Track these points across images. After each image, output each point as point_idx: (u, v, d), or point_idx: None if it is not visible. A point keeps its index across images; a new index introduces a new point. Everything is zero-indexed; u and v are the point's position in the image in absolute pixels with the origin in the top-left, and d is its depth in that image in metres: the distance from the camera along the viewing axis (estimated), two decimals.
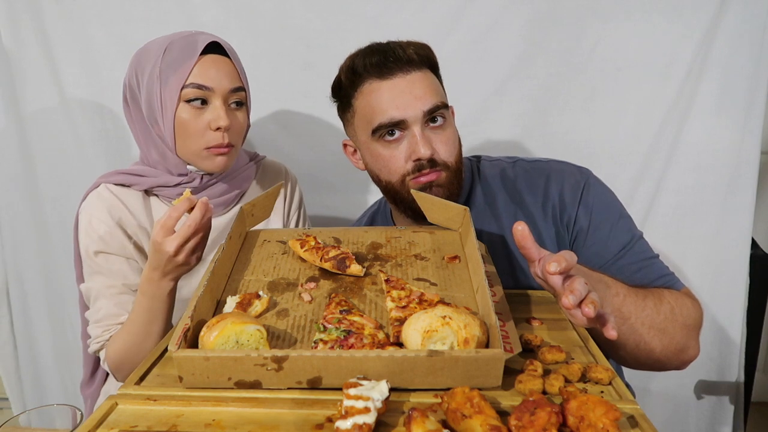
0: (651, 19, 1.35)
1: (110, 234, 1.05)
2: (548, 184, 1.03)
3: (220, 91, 1.02)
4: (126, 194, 1.09)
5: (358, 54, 1.02)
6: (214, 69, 1.01)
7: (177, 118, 1.01)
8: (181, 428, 0.59)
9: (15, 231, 1.55)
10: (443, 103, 1.00)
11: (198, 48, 1.00)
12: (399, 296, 0.78)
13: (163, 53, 1.00)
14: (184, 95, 1.00)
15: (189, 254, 0.89)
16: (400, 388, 0.63)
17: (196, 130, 1.02)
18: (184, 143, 1.03)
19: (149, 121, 1.04)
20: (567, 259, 0.69)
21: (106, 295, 1.04)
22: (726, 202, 1.43)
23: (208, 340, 0.65)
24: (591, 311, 0.67)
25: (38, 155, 1.51)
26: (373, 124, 0.98)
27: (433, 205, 0.99)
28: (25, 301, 1.61)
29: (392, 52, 0.97)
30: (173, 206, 0.88)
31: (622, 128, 1.43)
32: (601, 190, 1.03)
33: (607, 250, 0.98)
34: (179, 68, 0.99)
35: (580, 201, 1.00)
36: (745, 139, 1.39)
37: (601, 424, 0.53)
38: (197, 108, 1.01)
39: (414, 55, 0.98)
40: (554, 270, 0.68)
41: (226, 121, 1.01)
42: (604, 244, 0.98)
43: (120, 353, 0.99)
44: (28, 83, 1.45)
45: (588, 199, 1.01)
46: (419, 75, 0.98)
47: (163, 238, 0.87)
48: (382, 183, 1.05)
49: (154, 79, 1.00)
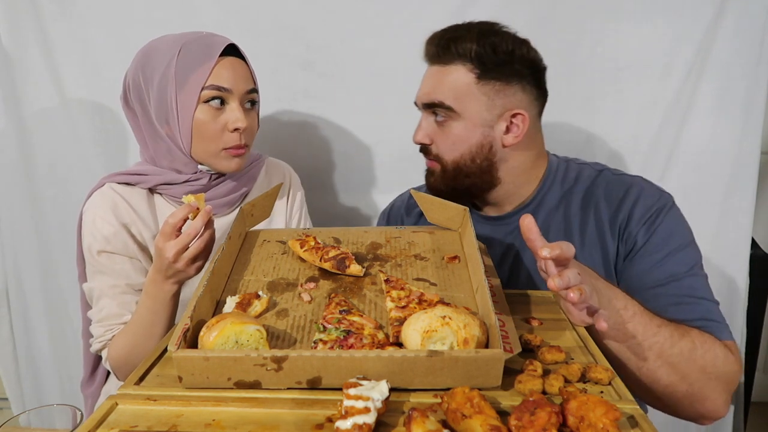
0: (651, 19, 1.35)
1: (114, 233, 1.05)
2: (625, 198, 1.01)
3: (238, 92, 1.03)
4: (130, 193, 1.09)
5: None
6: (231, 70, 1.02)
7: (195, 119, 1.01)
8: (181, 428, 0.59)
9: (15, 231, 1.55)
10: (440, 102, 1.00)
11: (216, 50, 1.01)
12: (399, 296, 0.78)
13: (177, 54, 1.00)
14: (202, 96, 1.00)
15: (188, 262, 0.90)
16: (400, 388, 0.63)
17: (214, 131, 1.02)
18: (200, 144, 1.04)
19: (158, 121, 1.04)
20: (563, 248, 0.69)
21: (109, 294, 1.04)
22: (726, 202, 1.43)
23: (207, 340, 0.65)
24: (576, 296, 0.67)
25: (38, 155, 1.50)
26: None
27: (433, 205, 0.99)
28: (25, 301, 1.61)
29: (440, 40, 1.00)
30: (173, 213, 0.89)
31: (622, 128, 1.43)
32: (673, 219, 0.99)
33: (651, 275, 0.96)
34: (197, 69, 1.00)
35: (646, 221, 0.98)
36: (745, 139, 1.38)
37: (601, 424, 0.53)
38: (216, 109, 1.02)
39: (449, 47, 0.99)
40: (545, 255, 0.68)
41: (244, 122, 1.03)
42: (651, 268, 0.96)
43: (122, 353, 1.00)
44: (28, 83, 1.45)
45: (655, 222, 0.98)
46: (440, 69, 1.01)
47: (164, 243, 0.88)
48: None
49: (168, 79, 1.00)
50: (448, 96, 0.99)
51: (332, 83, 1.44)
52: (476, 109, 0.99)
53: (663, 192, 1.02)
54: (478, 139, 1.01)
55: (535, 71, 1.02)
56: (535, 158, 1.07)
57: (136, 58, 1.06)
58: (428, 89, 1.02)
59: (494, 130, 1.01)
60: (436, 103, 1.00)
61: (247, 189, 1.17)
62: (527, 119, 1.00)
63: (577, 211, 1.04)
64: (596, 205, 1.03)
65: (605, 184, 1.05)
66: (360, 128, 1.48)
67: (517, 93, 1.00)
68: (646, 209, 0.99)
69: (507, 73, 0.99)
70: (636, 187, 1.02)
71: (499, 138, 1.01)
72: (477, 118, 1.00)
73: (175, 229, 0.88)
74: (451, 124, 1.01)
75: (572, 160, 1.11)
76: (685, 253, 0.97)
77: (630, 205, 1.00)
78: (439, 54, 1.01)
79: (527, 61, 1.00)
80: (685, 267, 0.96)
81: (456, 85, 0.99)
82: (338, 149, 1.50)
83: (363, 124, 1.48)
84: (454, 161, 1.02)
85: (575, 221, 1.04)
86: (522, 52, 0.99)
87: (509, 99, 1.00)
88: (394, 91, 1.44)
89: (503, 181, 1.05)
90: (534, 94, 1.02)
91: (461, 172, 1.03)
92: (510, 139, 1.01)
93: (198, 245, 0.90)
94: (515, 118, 1.01)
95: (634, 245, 0.99)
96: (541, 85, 1.04)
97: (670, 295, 0.94)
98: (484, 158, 1.02)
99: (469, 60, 0.98)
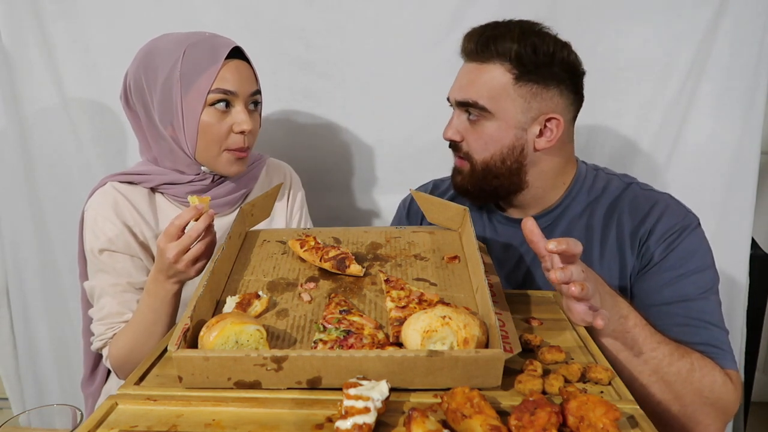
0: (651, 19, 1.35)
1: (116, 232, 1.05)
2: (649, 213, 0.99)
3: (243, 94, 1.03)
4: (132, 192, 1.09)
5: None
6: (237, 73, 1.02)
7: (200, 121, 1.02)
8: (181, 428, 0.59)
9: (15, 231, 1.55)
10: (474, 101, 0.97)
11: (222, 53, 1.01)
12: (399, 296, 0.78)
13: (182, 56, 1.00)
14: (208, 100, 1.01)
15: (189, 263, 0.91)
16: (400, 388, 0.63)
17: (219, 133, 1.03)
18: (204, 146, 1.04)
19: (161, 122, 1.04)
20: (569, 244, 0.69)
21: (110, 293, 1.04)
22: (726, 202, 1.43)
23: (207, 340, 0.65)
24: (577, 290, 0.67)
25: (38, 155, 1.50)
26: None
27: (433, 205, 0.99)
28: (25, 300, 1.61)
29: (479, 37, 0.98)
30: (178, 215, 0.89)
31: (622, 128, 1.43)
32: (694, 240, 0.97)
33: (661, 293, 0.95)
34: (203, 73, 1.00)
35: (666, 239, 0.97)
36: (745, 139, 1.38)
37: (601, 424, 0.53)
38: (221, 111, 1.02)
39: (488, 45, 0.96)
40: (552, 248, 0.68)
41: (250, 124, 1.03)
42: (663, 286, 0.95)
43: (123, 351, 1.00)
44: (28, 83, 1.45)
45: (676, 240, 0.96)
46: (477, 66, 0.99)
47: (166, 244, 0.89)
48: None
49: (173, 82, 1.00)
50: (483, 95, 0.97)
51: (332, 83, 1.44)
52: (511, 111, 0.97)
53: (689, 212, 1.00)
54: (510, 141, 0.99)
55: (573, 75, 0.99)
56: (565, 164, 1.05)
57: (137, 57, 1.06)
58: (463, 87, 1.00)
59: (527, 133, 0.99)
60: (471, 103, 0.98)
61: (248, 189, 1.17)
62: (562, 124, 0.98)
63: (599, 222, 1.03)
64: (620, 217, 1.02)
65: (632, 198, 1.03)
66: (360, 128, 1.48)
67: (554, 97, 0.98)
68: (669, 227, 0.97)
69: (546, 75, 0.96)
70: (662, 203, 1.01)
71: (532, 141, 0.99)
72: (511, 120, 0.98)
73: (179, 230, 0.89)
74: (484, 123, 0.99)
75: (602, 170, 1.09)
76: (701, 276, 0.95)
77: (653, 221, 0.98)
78: (478, 51, 0.98)
79: (567, 64, 0.98)
80: (698, 290, 0.94)
81: (492, 84, 0.97)
82: (338, 149, 1.50)
83: (363, 124, 1.48)
84: (484, 161, 1.01)
85: (597, 231, 1.03)
86: (563, 55, 0.97)
87: (546, 103, 0.97)
88: (394, 91, 1.44)
89: (531, 185, 1.03)
90: (570, 99, 1.00)
91: (490, 172, 1.01)
92: (542, 143, 0.99)
93: (199, 247, 0.91)
94: (550, 122, 0.98)
95: (650, 261, 0.97)
96: (579, 89, 1.02)
97: (678, 315, 0.92)
98: (515, 160, 1.00)
99: (508, 60, 0.96)
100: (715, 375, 0.87)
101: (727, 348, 0.92)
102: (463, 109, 1.01)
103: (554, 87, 0.98)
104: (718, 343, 0.91)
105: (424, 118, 1.45)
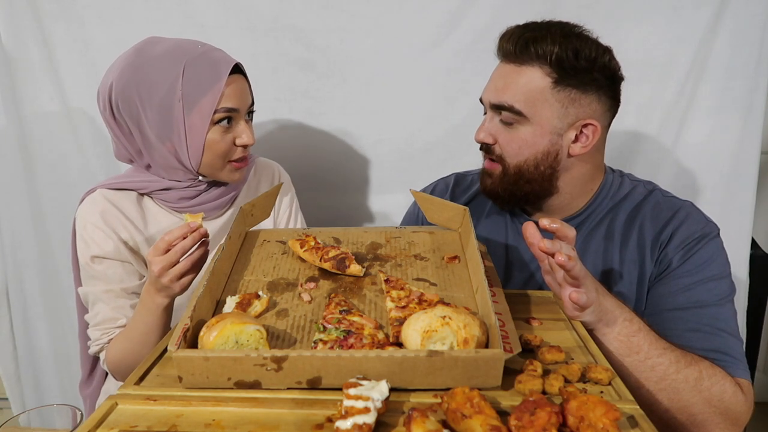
0: (651, 19, 1.35)
1: (105, 239, 1.06)
2: (671, 220, 0.99)
3: (243, 110, 1.05)
4: (120, 198, 1.09)
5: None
6: (238, 90, 1.04)
7: (206, 139, 1.03)
8: (181, 428, 0.59)
9: (15, 231, 1.55)
10: (510, 105, 0.95)
11: (224, 71, 1.01)
12: (398, 296, 0.78)
13: (182, 75, 0.99)
14: (213, 119, 1.02)
15: (173, 279, 0.91)
16: (400, 388, 0.63)
17: (224, 148, 1.05)
18: (209, 161, 1.05)
19: (159, 138, 1.03)
20: (563, 224, 0.69)
21: (104, 299, 1.05)
22: (726, 202, 1.43)
23: (207, 340, 0.65)
24: (563, 259, 0.67)
25: (38, 156, 1.50)
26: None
27: (433, 205, 0.99)
28: (25, 301, 1.61)
29: (519, 38, 0.95)
30: (170, 231, 0.90)
31: (622, 128, 1.43)
32: (712, 249, 0.96)
33: (675, 298, 0.94)
34: (207, 92, 1.00)
35: (685, 246, 0.96)
36: (745, 139, 1.39)
37: (601, 424, 0.53)
38: (225, 128, 1.04)
39: (527, 46, 0.93)
40: (545, 224, 0.68)
41: (252, 139, 1.06)
42: (677, 291, 0.94)
43: (118, 357, 1.02)
44: (27, 84, 1.45)
45: (694, 248, 0.95)
46: (514, 68, 0.95)
47: (153, 257, 0.89)
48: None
49: (173, 101, 0.99)
50: (519, 99, 0.94)
51: (332, 83, 1.44)
52: (547, 116, 0.94)
53: (709, 221, 1.00)
54: (545, 147, 0.96)
55: (613, 82, 0.97)
56: (595, 171, 1.03)
57: (123, 70, 1.01)
58: (499, 89, 0.97)
59: (563, 139, 0.96)
60: (506, 106, 0.95)
61: (237, 192, 1.18)
62: (598, 130, 0.96)
63: (620, 227, 1.02)
64: (641, 223, 1.01)
65: (654, 204, 1.02)
66: (360, 128, 1.48)
67: (593, 103, 0.95)
68: (688, 234, 0.96)
69: (585, 80, 0.93)
70: (683, 211, 1.00)
71: (567, 147, 0.97)
72: (547, 125, 0.95)
73: (167, 245, 0.89)
74: (518, 127, 0.96)
75: (627, 176, 1.08)
76: (717, 284, 0.94)
77: (673, 228, 0.98)
78: (516, 53, 0.95)
79: (608, 70, 0.95)
80: (713, 297, 0.93)
81: (529, 88, 0.94)
82: (338, 149, 1.50)
83: (363, 124, 1.48)
84: (517, 165, 0.98)
85: (617, 236, 1.02)
86: (604, 61, 0.94)
87: (583, 108, 0.95)
88: (394, 91, 1.44)
89: (561, 191, 1.01)
90: (608, 105, 0.98)
91: (522, 177, 0.99)
92: (577, 149, 0.97)
93: (185, 264, 0.90)
94: (586, 128, 0.96)
95: (667, 267, 0.97)
96: (617, 95, 0.99)
97: (691, 320, 0.92)
98: (548, 166, 0.98)
99: (548, 63, 0.93)
100: (725, 384, 0.85)
101: (740, 357, 0.90)
102: (497, 112, 0.98)
103: (593, 93, 0.95)
104: (730, 351, 0.90)
105: (424, 118, 1.45)
